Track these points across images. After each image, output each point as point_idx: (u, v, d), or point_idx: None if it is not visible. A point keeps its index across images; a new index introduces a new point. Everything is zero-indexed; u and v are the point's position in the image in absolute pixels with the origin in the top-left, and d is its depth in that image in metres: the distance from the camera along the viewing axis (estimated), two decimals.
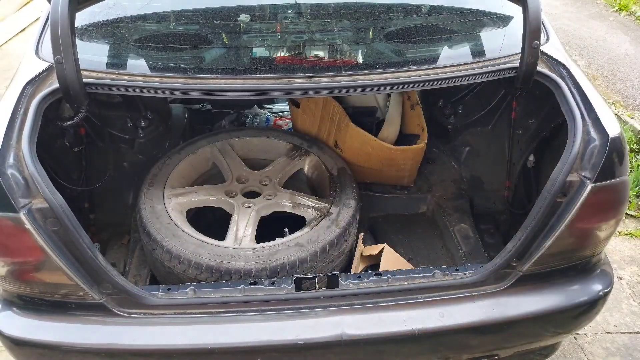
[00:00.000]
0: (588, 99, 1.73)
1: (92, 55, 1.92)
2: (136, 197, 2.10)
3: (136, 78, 1.80)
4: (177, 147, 2.30)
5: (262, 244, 1.88)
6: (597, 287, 1.80)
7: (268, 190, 2.17)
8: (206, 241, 1.86)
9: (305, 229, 1.96)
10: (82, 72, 1.71)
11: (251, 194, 2.17)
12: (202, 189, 2.18)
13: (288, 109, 2.93)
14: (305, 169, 2.35)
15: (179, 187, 2.15)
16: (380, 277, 1.72)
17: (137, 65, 1.97)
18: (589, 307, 1.80)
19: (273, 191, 2.16)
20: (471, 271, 1.74)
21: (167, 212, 1.96)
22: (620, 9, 6.63)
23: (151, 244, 1.86)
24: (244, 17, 2.15)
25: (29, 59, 1.89)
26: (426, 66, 1.89)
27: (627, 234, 3.41)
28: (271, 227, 2.03)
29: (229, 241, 1.91)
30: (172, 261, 1.80)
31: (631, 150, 4.01)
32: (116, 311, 1.60)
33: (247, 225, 1.98)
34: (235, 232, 1.95)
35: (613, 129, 1.65)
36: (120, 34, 2.09)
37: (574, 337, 2.58)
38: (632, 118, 4.37)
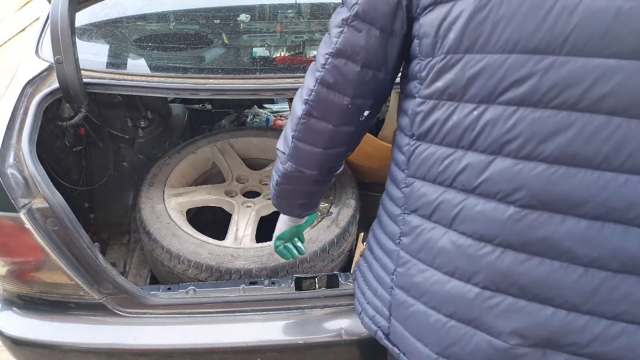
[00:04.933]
0: None
1: (92, 55, 1.92)
2: (136, 196, 2.10)
3: (136, 78, 1.80)
4: (177, 147, 2.30)
5: (262, 244, 1.89)
6: None
7: (268, 190, 2.17)
8: (206, 241, 1.86)
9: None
10: (82, 72, 1.72)
11: (251, 194, 2.17)
12: (202, 188, 2.18)
13: (288, 109, 2.93)
14: None
15: (179, 186, 2.15)
16: None
17: (137, 64, 1.97)
18: None
19: None
20: None
21: (167, 212, 1.96)
22: None
23: (151, 244, 1.86)
24: (243, 17, 2.16)
25: (29, 59, 1.89)
26: None
27: None
28: (271, 227, 2.03)
29: (229, 241, 1.91)
30: (172, 261, 1.80)
31: None
32: (116, 311, 1.60)
33: (247, 225, 1.98)
34: (236, 232, 1.95)
35: None
36: (120, 34, 2.09)
37: None
38: None
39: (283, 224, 1.54)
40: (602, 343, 0.84)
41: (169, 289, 1.68)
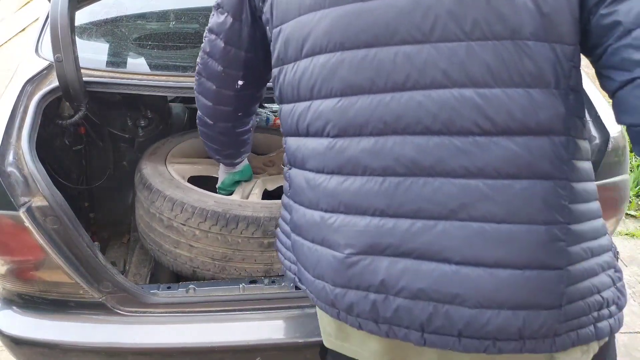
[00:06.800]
0: (588, 97, 1.73)
1: (92, 54, 1.92)
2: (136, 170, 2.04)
3: (136, 76, 1.80)
4: (179, 133, 2.28)
5: (270, 201, 1.83)
6: None
7: (272, 170, 2.18)
8: (212, 194, 1.81)
9: None
10: (82, 71, 1.71)
11: (255, 172, 2.14)
12: (205, 161, 2.13)
13: None
14: None
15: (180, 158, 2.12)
16: None
17: (137, 63, 1.97)
18: None
19: (277, 171, 2.17)
20: None
21: (169, 172, 1.91)
22: None
23: (151, 197, 1.78)
24: None
25: (29, 58, 1.89)
26: None
27: (627, 234, 3.41)
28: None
29: (236, 196, 1.88)
30: (174, 210, 1.72)
31: (632, 150, 4.01)
32: (116, 310, 1.60)
33: (254, 188, 1.96)
34: (242, 191, 1.92)
35: (614, 128, 1.65)
36: (120, 33, 2.09)
37: None
38: None
39: (221, 173, 1.88)
40: (410, 240, 0.97)
41: (168, 287, 1.68)
